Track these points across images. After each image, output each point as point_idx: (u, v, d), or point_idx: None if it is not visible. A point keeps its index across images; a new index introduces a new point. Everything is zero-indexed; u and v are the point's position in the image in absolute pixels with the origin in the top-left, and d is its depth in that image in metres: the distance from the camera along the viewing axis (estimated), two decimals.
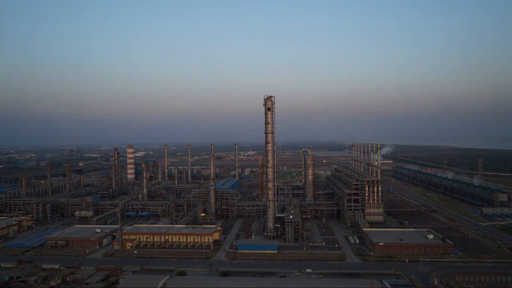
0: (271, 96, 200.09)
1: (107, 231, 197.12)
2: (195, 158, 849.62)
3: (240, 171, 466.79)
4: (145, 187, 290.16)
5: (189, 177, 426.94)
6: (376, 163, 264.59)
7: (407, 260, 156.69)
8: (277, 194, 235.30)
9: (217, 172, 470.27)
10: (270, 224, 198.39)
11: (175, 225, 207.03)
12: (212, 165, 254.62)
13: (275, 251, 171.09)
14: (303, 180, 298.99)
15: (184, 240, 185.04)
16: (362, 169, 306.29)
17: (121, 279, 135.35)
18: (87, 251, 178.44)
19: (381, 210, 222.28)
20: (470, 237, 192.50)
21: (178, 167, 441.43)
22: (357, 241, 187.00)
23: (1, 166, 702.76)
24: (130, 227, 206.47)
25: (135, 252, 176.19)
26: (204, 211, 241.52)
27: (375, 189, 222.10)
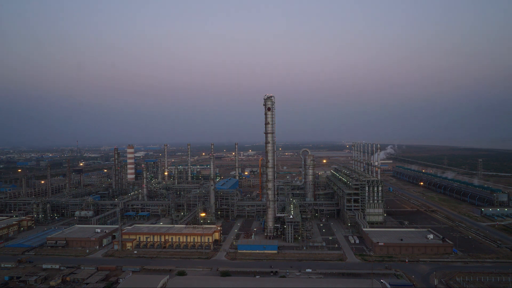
0: (271, 96, 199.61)
1: (107, 231, 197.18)
2: (195, 158, 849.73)
3: (240, 171, 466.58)
4: (145, 187, 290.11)
5: (189, 177, 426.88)
6: (376, 163, 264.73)
7: (407, 260, 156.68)
8: (277, 194, 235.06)
9: (217, 172, 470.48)
10: (270, 224, 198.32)
11: (175, 225, 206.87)
12: (212, 165, 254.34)
13: (275, 251, 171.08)
14: (303, 180, 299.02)
15: (184, 240, 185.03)
16: (362, 169, 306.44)
17: (121, 279, 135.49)
18: (87, 251, 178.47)
19: (381, 210, 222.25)
20: (470, 237, 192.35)
21: (178, 167, 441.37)
22: (357, 241, 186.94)
23: (1, 166, 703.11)
24: (130, 227, 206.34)
25: (135, 252, 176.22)
26: (204, 211, 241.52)
27: (375, 189, 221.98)
